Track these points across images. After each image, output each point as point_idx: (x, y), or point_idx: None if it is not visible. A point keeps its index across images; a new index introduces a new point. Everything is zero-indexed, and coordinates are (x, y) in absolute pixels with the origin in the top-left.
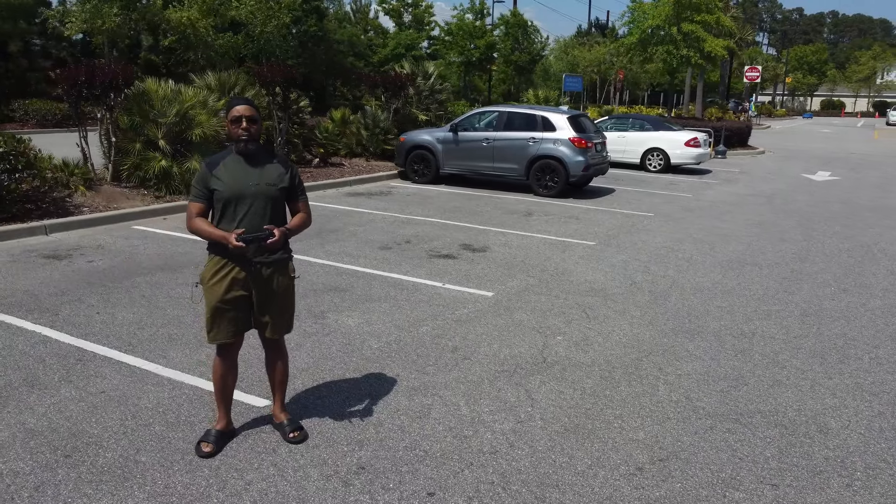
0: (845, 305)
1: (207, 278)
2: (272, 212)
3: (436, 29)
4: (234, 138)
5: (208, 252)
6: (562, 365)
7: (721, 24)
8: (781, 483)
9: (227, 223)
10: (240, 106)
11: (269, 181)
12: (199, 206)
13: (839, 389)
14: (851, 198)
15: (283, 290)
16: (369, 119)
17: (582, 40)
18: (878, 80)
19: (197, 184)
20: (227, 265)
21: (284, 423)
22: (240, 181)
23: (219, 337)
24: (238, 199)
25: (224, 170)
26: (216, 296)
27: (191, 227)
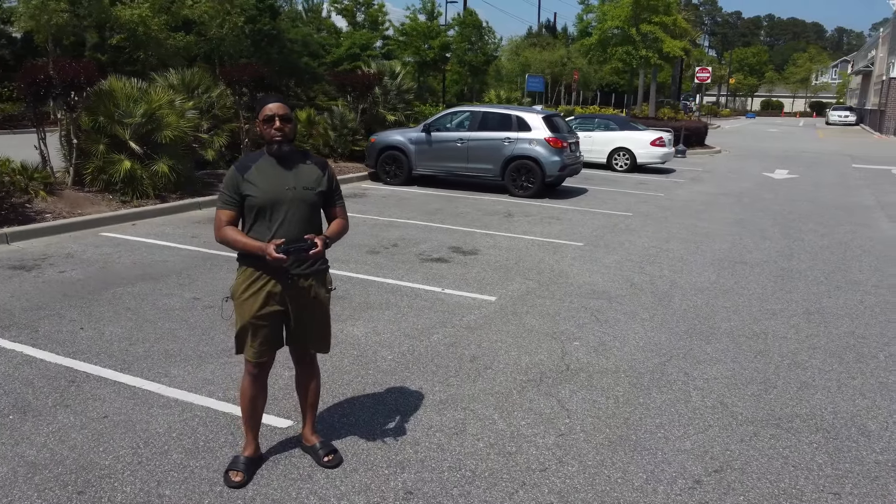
0: (844, 303)
1: (240, 292)
2: (310, 218)
3: (390, 29)
4: (267, 139)
5: (239, 264)
6: (587, 372)
7: (678, 25)
8: (842, 491)
9: (262, 232)
10: (272, 104)
11: (307, 185)
12: (230, 214)
13: (866, 389)
14: (817, 196)
15: (322, 303)
16: (337, 120)
17: (533, 41)
18: (813, 81)
19: (226, 189)
20: (262, 278)
21: (317, 445)
22: (275, 186)
23: (253, 354)
24: (274, 206)
25: (257, 173)
26: (250, 311)
27: (220, 238)
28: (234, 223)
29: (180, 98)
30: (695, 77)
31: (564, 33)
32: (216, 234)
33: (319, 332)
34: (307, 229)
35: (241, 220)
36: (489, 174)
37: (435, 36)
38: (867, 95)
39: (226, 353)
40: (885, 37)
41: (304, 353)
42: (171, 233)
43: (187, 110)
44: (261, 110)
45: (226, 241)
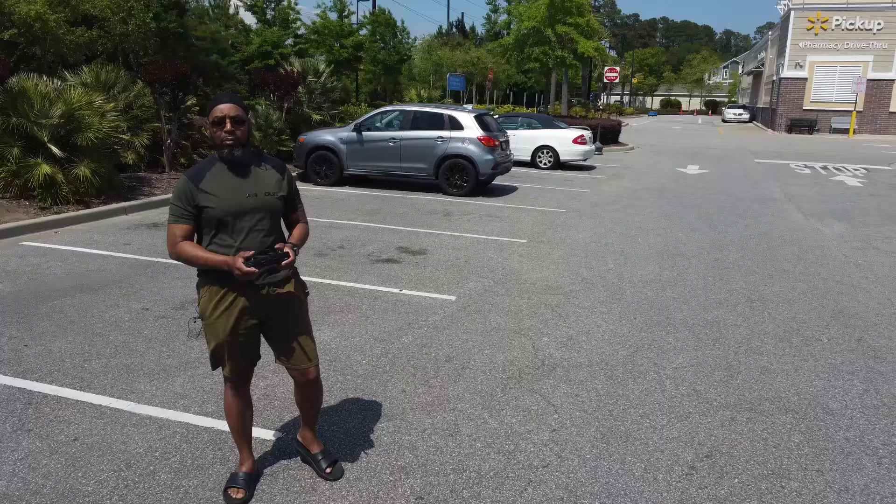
0: (779, 290)
1: (209, 311)
2: (275, 226)
3: (301, 28)
4: (218, 143)
5: (200, 281)
6: (562, 367)
7: (591, 26)
8: (823, 468)
9: (223, 245)
10: (223, 104)
11: (269, 190)
12: (185, 228)
13: (819, 371)
14: (730, 189)
15: (302, 309)
16: (261, 119)
17: (444, 41)
18: (707, 81)
19: (179, 201)
20: (230, 294)
21: (318, 455)
22: (235, 194)
23: (231, 370)
24: (236, 216)
25: (212, 182)
26: (223, 330)
27: (177, 255)
28: (190, 237)
29: (100, 98)
30: (604, 77)
31: (473, 33)
32: (171, 251)
33: (309, 336)
34: (272, 238)
35: (197, 234)
36: (423, 173)
37: (348, 35)
38: (758, 94)
39: (192, 364)
40: (774, 39)
41: (302, 369)
42: (100, 240)
43: (108, 111)
44: (210, 111)
45: (184, 258)
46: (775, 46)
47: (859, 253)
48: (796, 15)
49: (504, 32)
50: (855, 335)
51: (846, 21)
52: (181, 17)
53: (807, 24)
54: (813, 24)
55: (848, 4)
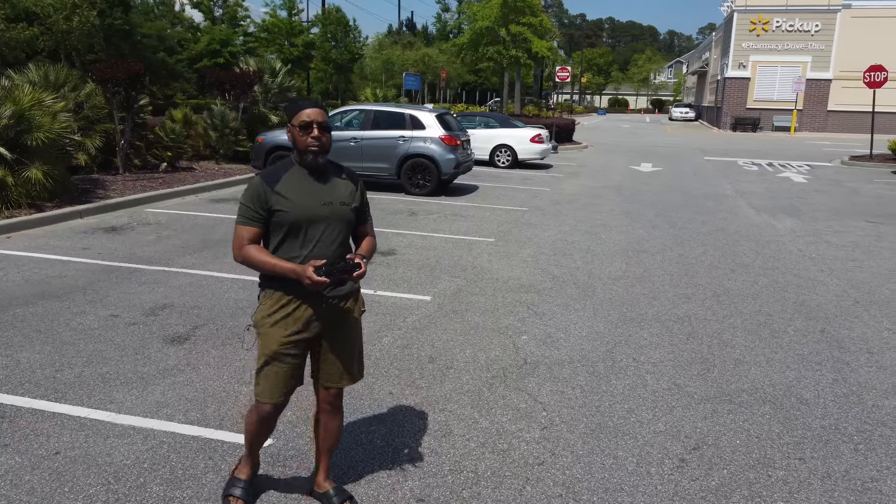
0: (742, 284)
1: (265, 318)
2: (345, 236)
3: (251, 25)
4: (300, 147)
5: (261, 288)
6: (545, 364)
7: (544, 26)
8: (805, 456)
9: (291, 252)
10: (310, 109)
11: (343, 199)
12: (254, 231)
13: (790, 362)
14: (684, 187)
15: (356, 328)
16: (217, 119)
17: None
18: (653, 80)
19: (251, 202)
20: (292, 303)
21: (331, 492)
22: (311, 200)
23: (275, 395)
24: (309, 223)
25: (288, 186)
26: (277, 339)
27: (242, 258)
28: (258, 241)
29: (50, 97)
30: (555, 76)
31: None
32: (236, 254)
33: (357, 358)
34: (342, 249)
35: (263, 238)
36: (384, 173)
37: (299, 33)
38: (703, 93)
39: (170, 372)
40: (718, 40)
41: (334, 389)
42: (57, 245)
43: (59, 111)
44: (295, 114)
45: (249, 262)
46: (719, 47)
47: (812, 247)
48: (739, 16)
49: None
50: (818, 326)
51: (786, 23)
52: (126, 14)
53: (749, 26)
54: (755, 26)
55: (787, 6)
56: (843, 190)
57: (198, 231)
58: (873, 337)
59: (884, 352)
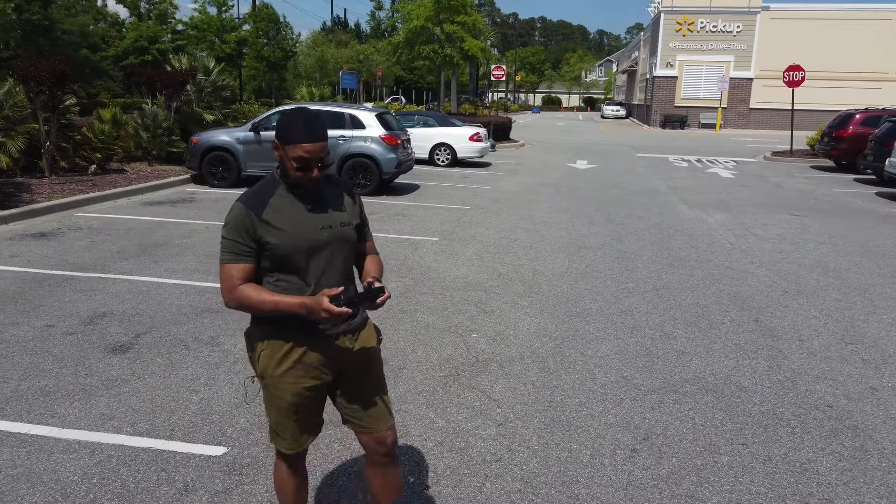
0: (679, 278)
1: (272, 367)
2: (349, 262)
3: (180, 24)
4: (292, 180)
5: (254, 331)
6: (496, 362)
7: (477, 25)
8: (747, 441)
9: (291, 288)
10: (309, 145)
11: (343, 219)
12: (245, 268)
13: (728, 351)
14: (619, 183)
15: (378, 361)
16: (148, 119)
17: (329, 37)
18: (584, 78)
19: (235, 235)
20: (297, 347)
21: None
22: (307, 227)
23: (296, 445)
24: (308, 252)
25: (277, 211)
26: (290, 390)
27: (237, 301)
28: (251, 279)
29: None
30: (490, 75)
31: (358, 30)
32: (228, 298)
33: (380, 394)
34: (347, 276)
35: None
36: None
37: (230, 30)
38: (633, 92)
39: (114, 382)
40: (646, 40)
41: (389, 435)
42: None
43: None
44: (289, 144)
45: (246, 306)
46: (647, 46)
47: (742, 240)
48: (666, 17)
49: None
50: (752, 316)
51: (710, 23)
52: (45, 9)
53: (675, 26)
54: (681, 26)
55: (711, 8)
56: (767, 185)
57: (133, 235)
58: (803, 325)
59: (813, 339)
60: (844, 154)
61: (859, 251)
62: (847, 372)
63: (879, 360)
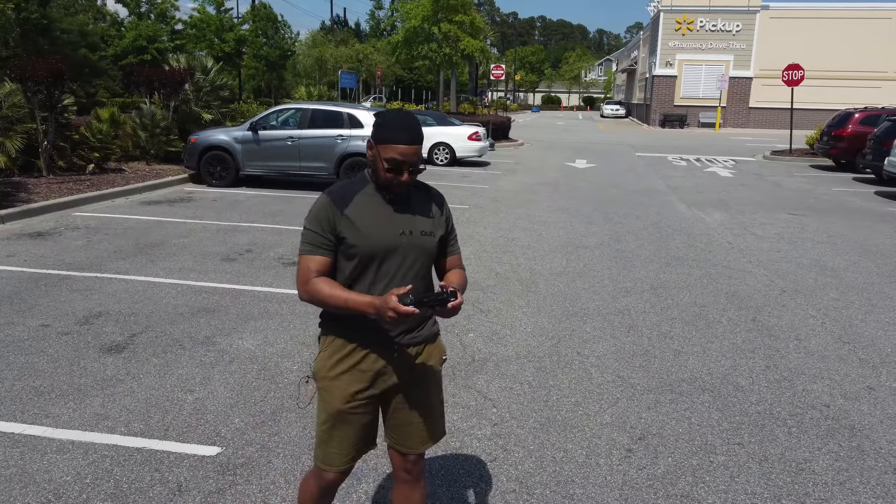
0: (677, 277)
1: (327, 369)
2: (426, 273)
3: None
4: (383, 181)
5: (322, 330)
6: (492, 361)
7: (475, 25)
8: (743, 441)
9: (363, 285)
10: (405, 147)
11: (425, 228)
12: (323, 261)
13: (725, 351)
14: (619, 182)
15: (436, 379)
16: (147, 119)
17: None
18: (584, 78)
19: (316, 226)
20: (357, 351)
21: None
22: (387, 229)
23: (340, 461)
24: (384, 256)
25: (361, 209)
26: (340, 396)
27: (309, 294)
28: (328, 273)
29: None
30: (490, 74)
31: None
32: (302, 290)
33: (438, 415)
34: (422, 285)
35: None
36: (323, 172)
37: (229, 29)
38: (633, 91)
39: (109, 382)
40: (646, 39)
41: (412, 455)
42: None
43: None
44: (384, 142)
45: (319, 299)
46: (647, 45)
47: (740, 239)
48: (665, 16)
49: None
50: (749, 316)
51: (709, 23)
52: (44, 8)
53: (675, 25)
54: (680, 25)
55: (710, 7)
56: (766, 184)
57: (130, 235)
58: (800, 324)
59: (810, 338)
60: (843, 153)
61: (858, 250)
62: (844, 371)
63: (877, 360)
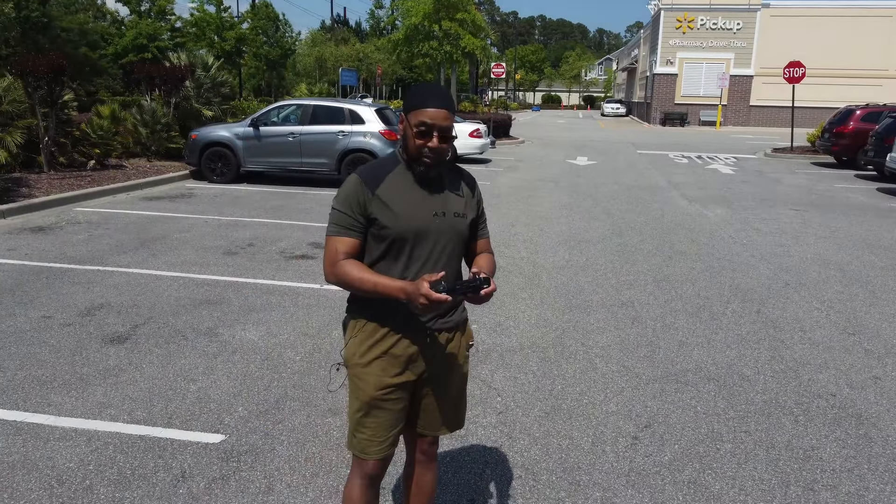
0: (680, 270)
1: (360, 355)
2: (459, 255)
3: (179, 21)
4: (412, 153)
5: (350, 315)
6: (496, 352)
7: (476, 23)
8: (750, 429)
9: (391, 274)
10: (433, 110)
11: (457, 209)
12: (351, 243)
13: (730, 342)
14: (619, 179)
15: (463, 364)
16: (147, 115)
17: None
18: (584, 77)
19: (347, 207)
20: (390, 336)
21: None
22: (419, 211)
23: (379, 448)
24: (416, 238)
25: (392, 191)
26: (373, 383)
27: (337, 276)
28: (356, 255)
29: None
30: (490, 72)
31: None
32: (328, 272)
33: (457, 402)
34: (453, 270)
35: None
36: (325, 168)
37: (229, 28)
38: (633, 89)
39: (111, 372)
40: (646, 37)
41: (431, 437)
42: None
43: None
44: (414, 108)
45: (345, 282)
46: (647, 44)
47: (742, 234)
48: (666, 14)
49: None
50: (753, 308)
51: (710, 21)
52: (44, 6)
53: (675, 24)
54: (681, 24)
55: (711, 5)
56: (767, 181)
57: (132, 229)
58: (805, 316)
59: (815, 329)
60: (845, 150)
61: (860, 245)
62: (850, 362)
63: (882, 351)
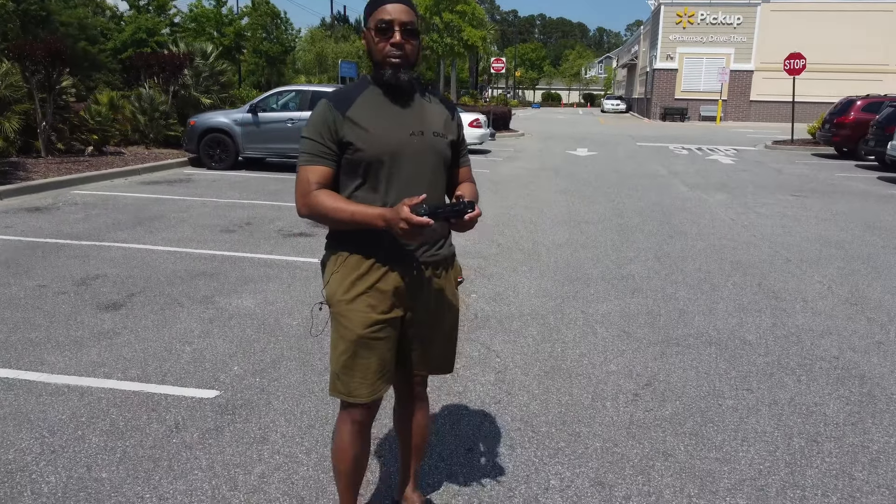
0: (681, 248)
1: (342, 292)
2: (439, 178)
3: (178, 16)
4: (378, 58)
5: (330, 250)
6: (496, 318)
7: (476, 15)
8: (751, 387)
9: (370, 201)
10: (391, 5)
11: (436, 129)
12: (323, 171)
13: (731, 310)
14: (619, 168)
15: (453, 301)
16: (146, 103)
17: (329, 32)
18: (584, 75)
19: (316, 135)
20: (375, 269)
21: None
22: (394, 129)
23: (367, 390)
24: (393, 159)
25: (363, 110)
26: (360, 321)
27: (309, 207)
28: (329, 185)
29: None
30: (490, 69)
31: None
32: (301, 203)
33: (452, 340)
34: (436, 195)
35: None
36: None
37: (228, 23)
38: (633, 86)
39: (106, 335)
40: (646, 33)
41: (418, 378)
42: None
43: None
44: (372, 12)
45: (319, 212)
46: (647, 40)
47: (743, 216)
48: (666, 9)
49: None
50: (755, 281)
51: (710, 16)
52: (43, 1)
53: (676, 18)
54: (681, 19)
55: (711, 0)
56: (767, 170)
57: (129, 210)
58: (807, 288)
59: (817, 300)
60: (846, 140)
61: (861, 226)
62: (852, 328)
63: (885, 319)
